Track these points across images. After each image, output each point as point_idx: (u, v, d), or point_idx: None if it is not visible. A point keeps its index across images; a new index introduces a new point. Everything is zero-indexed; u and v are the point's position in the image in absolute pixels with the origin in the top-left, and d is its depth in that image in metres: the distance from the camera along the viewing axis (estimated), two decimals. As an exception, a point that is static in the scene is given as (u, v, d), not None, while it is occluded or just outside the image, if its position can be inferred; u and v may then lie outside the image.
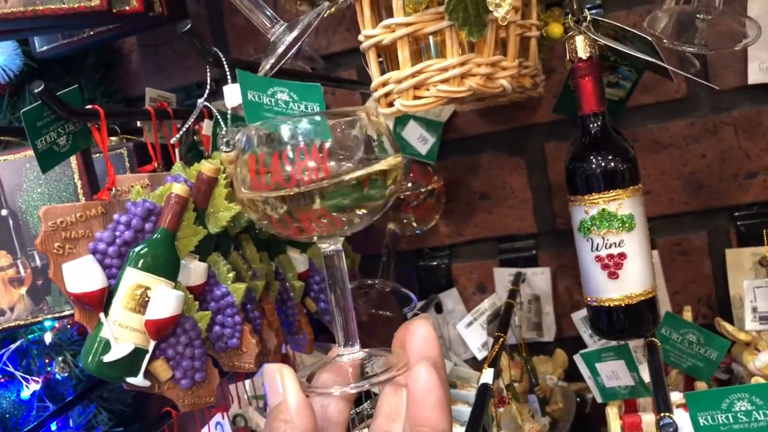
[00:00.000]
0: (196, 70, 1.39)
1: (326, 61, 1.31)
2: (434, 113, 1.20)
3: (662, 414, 0.64)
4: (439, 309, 1.30)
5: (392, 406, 0.46)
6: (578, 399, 1.12)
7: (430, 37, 0.74)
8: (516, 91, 0.98)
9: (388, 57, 0.77)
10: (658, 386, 0.71)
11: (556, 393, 1.06)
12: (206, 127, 1.01)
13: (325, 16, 1.11)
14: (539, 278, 1.23)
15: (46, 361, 1.25)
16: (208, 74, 0.78)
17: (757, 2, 1.05)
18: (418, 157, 1.17)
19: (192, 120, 0.83)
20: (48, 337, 1.24)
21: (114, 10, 1.01)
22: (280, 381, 0.44)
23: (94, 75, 1.37)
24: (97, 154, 0.99)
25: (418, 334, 0.46)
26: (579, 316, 1.15)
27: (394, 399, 0.46)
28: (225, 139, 0.83)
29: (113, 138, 1.10)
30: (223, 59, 0.76)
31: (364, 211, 0.46)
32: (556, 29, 1.00)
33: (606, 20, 0.80)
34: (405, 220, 1.19)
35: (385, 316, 1.19)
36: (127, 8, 1.03)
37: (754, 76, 1.10)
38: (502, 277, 1.27)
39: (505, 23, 0.65)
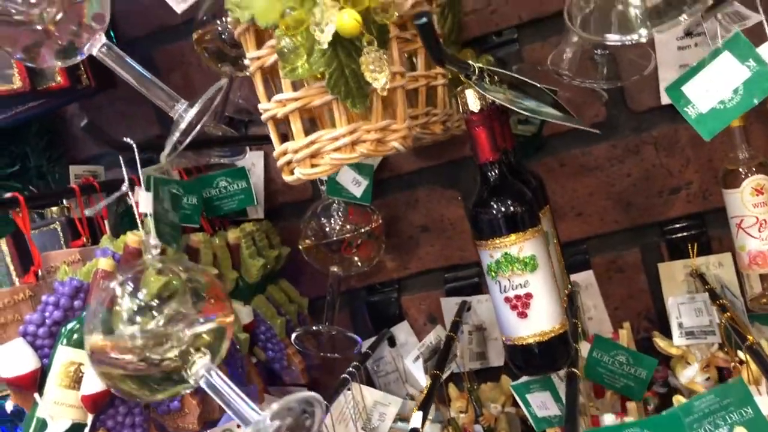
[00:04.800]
0: (138, 130, 1.42)
1: (261, 111, 1.34)
2: (369, 155, 1.24)
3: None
4: (392, 342, 1.33)
5: None
6: (527, 424, 1.15)
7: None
8: (438, 135, 1.02)
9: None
10: (570, 416, 0.73)
11: (501, 420, 1.09)
12: (137, 193, 1.04)
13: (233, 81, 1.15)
14: (484, 305, 1.26)
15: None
16: (122, 161, 0.81)
17: (658, 28, 1.09)
18: (353, 200, 1.21)
19: (112, 199, 0.86)
20: (9, 406, 1.26)
21: (39, 88, 1.05)
22: None
23: (39, 142, 1.39)
24: (36, 230, 1.02)
25: None
26: (519, 343, 1.18)
27: None
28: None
29: (54, 208, 1.13)
30: (134, 145, 0.79)
31: None
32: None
33: (500, 70, 0.83)
34: (347, 262, 1.22)
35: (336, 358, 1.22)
36: (53, 84, 1.06)
37: (666, 97, 1.13)
38: (450, 306, 1.30)
39: (385, 93, 0.69)
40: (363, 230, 1.22)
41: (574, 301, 1.02)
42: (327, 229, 1.22)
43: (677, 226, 1.19)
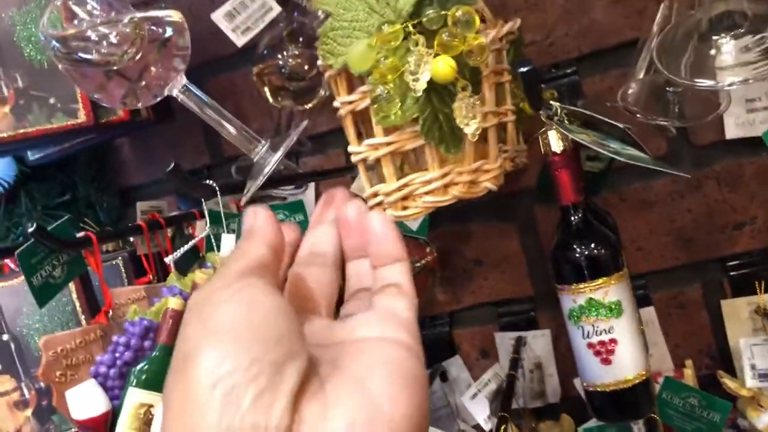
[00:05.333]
0: (187, 157, 1.41)
1: (313, 142, 1.33)
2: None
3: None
4: (444, 377, 1.30)
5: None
6: (588, 463, 1.12)
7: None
8: (506, 171, 1.01)
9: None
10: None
11: (564, 462, 1.06)
12: (199, 228, 1.04)
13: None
14: (540, 341, 1.24)
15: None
16: (204, 206, 0.80)
17: (726, 63, 1.07)
18: (409, 233, 1.19)
19: (191, 245, 0.85)
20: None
21: (101, 122, 1.04)
22: (252, 212, 0.43)
23: (88, 171, 1.39)
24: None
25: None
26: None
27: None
28: None
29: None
30: (217, 188, 0.78)
31: None
32: (532, 105, 1.02)
33: (578, 109, 0.82)
34: (402, 296, 1.21)
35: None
36: (114, 118, 1.06)
37: (731, 132, 1.12)
38: (504, 341, 1.27)
39: (475, 138, 0.68)
40: (418, 264, 1.20)
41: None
42: (382, 262, 1.20)
43: (740, 262, 1.16)
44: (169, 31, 0.77)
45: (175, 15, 0.78)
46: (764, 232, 1.14)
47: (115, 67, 0.77)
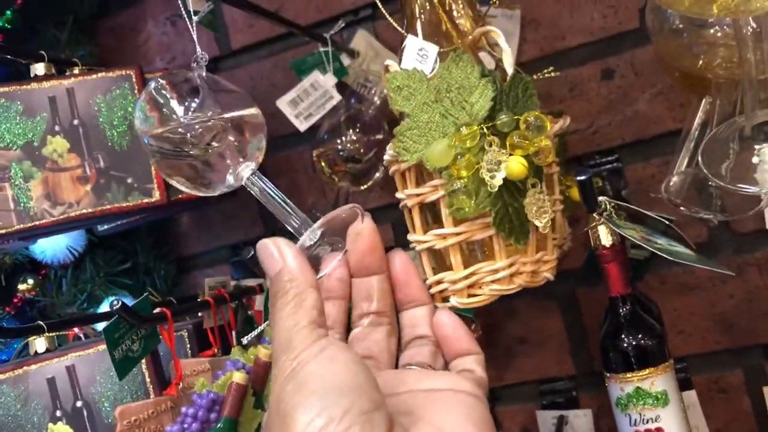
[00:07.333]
0: (241, 229, 1.49)
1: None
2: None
3: None
4: (485, 453, 1.32)
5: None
6: None
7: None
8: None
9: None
10: None
11: None
12: (259, 302, 1.09)
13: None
14: (582, 420, 1.26)
15: None
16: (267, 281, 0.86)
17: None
18: (457, 312, 1.23)
19: (259, 330, 0.91)
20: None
21: (172, 200, 1.11)
22: (276, 250, 0.45)
23: (148, 239, 1.47)
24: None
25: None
26: (624, 464, 1.18)
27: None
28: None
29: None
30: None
31: None
32: (577, 193, 1.07)
33: (625, 204, 0.86)
34: (447, 371, 1.24)
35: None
36: (183, 196, 1.13)
37: (772, 221, 1.15)
38: (546, 419, 1.30)
39: (547, 230, 0.73)
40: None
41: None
42: (428, 338, 1.24)
43: (782, 349, 1.18)
44: (249, 130, 0.84)
45: (256, 112, 0.85)
46: (806, 321, 1.17)
47: (198, 161, 0.84)
